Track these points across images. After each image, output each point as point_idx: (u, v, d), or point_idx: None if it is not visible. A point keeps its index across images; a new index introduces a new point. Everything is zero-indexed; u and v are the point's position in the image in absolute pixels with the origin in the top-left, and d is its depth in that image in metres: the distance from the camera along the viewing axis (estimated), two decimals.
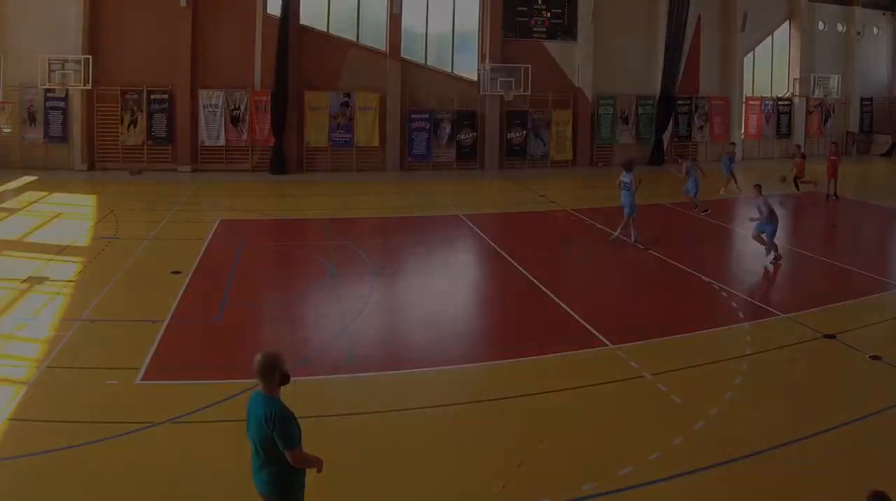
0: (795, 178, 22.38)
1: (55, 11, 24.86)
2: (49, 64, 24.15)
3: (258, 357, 4.80)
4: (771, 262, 14.13)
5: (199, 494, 6.35)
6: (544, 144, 28.14)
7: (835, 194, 21.43)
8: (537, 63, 27.22)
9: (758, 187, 14.70)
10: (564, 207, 20.39)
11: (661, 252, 15.00)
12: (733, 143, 27.05)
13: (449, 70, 27.99)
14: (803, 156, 22.98)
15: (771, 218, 13.97)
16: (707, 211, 19.09)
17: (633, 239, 15.51)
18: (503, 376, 8.94)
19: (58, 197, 20.73)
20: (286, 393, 4.92)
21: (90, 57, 24.45)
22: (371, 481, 6.56)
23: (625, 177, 15.65)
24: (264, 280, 13.64)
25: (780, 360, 9.42)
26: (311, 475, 5.05)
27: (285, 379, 4.79)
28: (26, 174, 24.27)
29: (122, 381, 8.47)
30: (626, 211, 15.61)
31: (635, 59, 28.97)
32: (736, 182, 22.69)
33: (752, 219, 14.37)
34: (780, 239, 14.97)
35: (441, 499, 6.34)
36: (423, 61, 27.63)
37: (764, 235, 14.11)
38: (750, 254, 15.24)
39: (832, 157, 21.42)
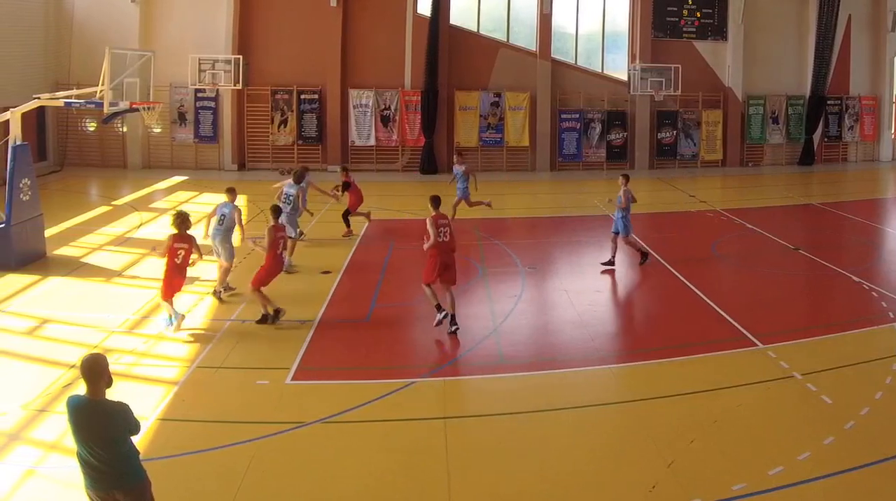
0: (346, 213, 15.72)
1: (205, 12, 23.94)
2: (199, 64, 22.85)
3: (87, 357, 4.66)
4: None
5: (347, 494, 6.20)
6: (694, 144, 26.28)
7: None
8: (687, 63, 25.40)
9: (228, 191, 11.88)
10: (714, 207, 19.38)
11: (811, 251, 14.46)
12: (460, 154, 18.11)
13: (599, 70, 26.41)
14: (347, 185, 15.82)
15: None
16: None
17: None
18: (653, 376, 8.68)
19: (208, 196, 19.62)
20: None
21: (240, 57, 23.13)
22: (519, 480, 6.41)
23: (288, 190, 13.39)
24: (414, 280, 12.13)
25: None
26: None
27: (110, 382, 4.73)
28: (177, 174, 23.33)
29: (272, 381, 8.30)
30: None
31: (785, 59, 27.11)
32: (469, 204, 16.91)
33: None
34: None
35: (590, 499, 6.19)
36: (572, 61, 26.09)
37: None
38: None
39: None
